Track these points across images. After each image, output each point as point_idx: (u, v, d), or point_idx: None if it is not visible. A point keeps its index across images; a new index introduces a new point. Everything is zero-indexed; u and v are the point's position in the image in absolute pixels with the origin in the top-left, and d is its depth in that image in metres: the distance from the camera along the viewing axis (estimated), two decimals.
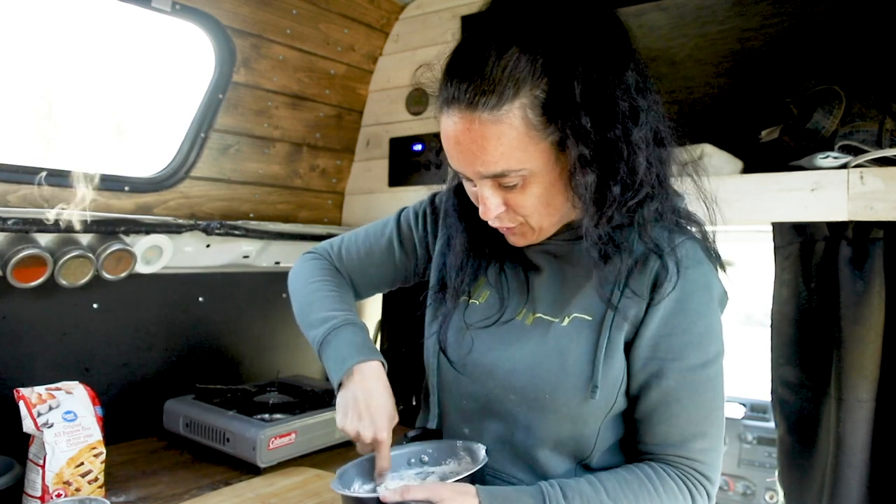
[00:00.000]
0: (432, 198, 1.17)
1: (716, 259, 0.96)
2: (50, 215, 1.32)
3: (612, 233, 0.91)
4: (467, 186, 0.96)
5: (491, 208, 0.89)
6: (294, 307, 1.15)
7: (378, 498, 0.85)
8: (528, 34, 0.83)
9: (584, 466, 0.96)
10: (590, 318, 0.93)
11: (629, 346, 0.92)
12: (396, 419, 1.00)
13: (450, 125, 0.86)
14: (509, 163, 0.84)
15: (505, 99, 0.81)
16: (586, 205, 0.87)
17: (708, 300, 0.92)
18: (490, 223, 0.95)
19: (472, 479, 0.89)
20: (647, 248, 0.91)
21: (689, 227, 0.97)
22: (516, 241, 0.98)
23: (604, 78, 0.82)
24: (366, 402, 0.98)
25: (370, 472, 0.99)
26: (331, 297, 1.11)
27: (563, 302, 0.97)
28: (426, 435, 1.06)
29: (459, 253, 1.06)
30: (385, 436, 0.96)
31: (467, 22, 1.87)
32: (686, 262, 0.91)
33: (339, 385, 1.01)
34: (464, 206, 1.05)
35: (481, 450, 0.96)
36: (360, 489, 0.97)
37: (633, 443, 0.97)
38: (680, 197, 0.98)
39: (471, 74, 0.83)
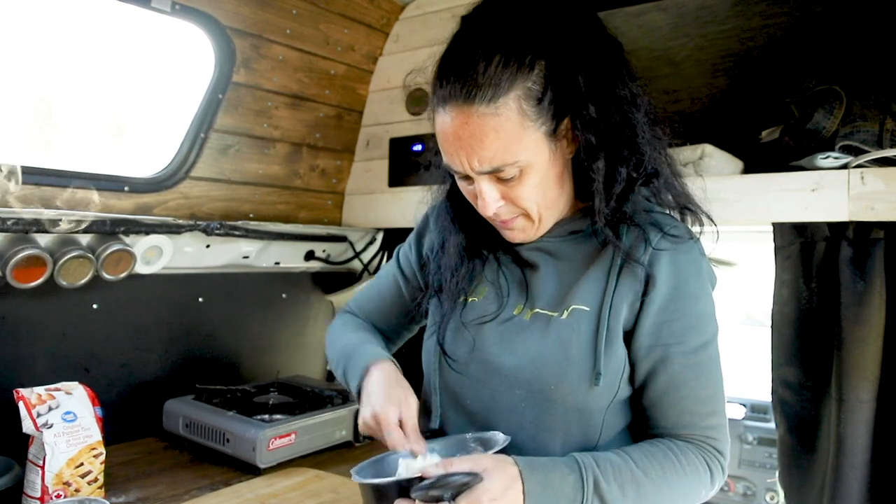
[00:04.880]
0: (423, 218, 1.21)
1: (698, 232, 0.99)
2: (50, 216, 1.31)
3: (619, 209, 0.94)
4: (463, 186, 0.97)
5: (490, 203, 0.91)
6: (329, 359, 1.20)
7: (399, 483, 0.83)
8: (518, 31, 0.86)
9: None
10: (588, 309, 0.94)
11: (629, 336, 0.94)
12: (417, 403, 0.99)
13: (447, 122, 0.87)
14: (505, 156, 0.86)
15: (500, 91, 0.83)
16: (597, 187, 0.91)
17: (701, 282, 0.95)
18: (489, 219, 0.96)
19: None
20: (639, 235, 0.94)
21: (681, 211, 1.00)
22: (515, 235, 0.98)
23: (604, 69, 0.88)
24: (382, 389, 0.99)
25: (384, 473, 0.96)
26: (350, 335, 1.17)
27: (561, 296, 0.98)
28: (429, 436, 1.05)
29: (454, 255, 1.06)
30: (412, 404, 0.96)
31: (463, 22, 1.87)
32: (678, 247, 0.94)
33: (359, 391, 1.03)
34: (457, 208, 1.06)
35: (498, 434, 0.95)
36: None
37: (644, 428, 0.98)
38: (680, 175, 1.00)
39: (465, 71, 0.85)
